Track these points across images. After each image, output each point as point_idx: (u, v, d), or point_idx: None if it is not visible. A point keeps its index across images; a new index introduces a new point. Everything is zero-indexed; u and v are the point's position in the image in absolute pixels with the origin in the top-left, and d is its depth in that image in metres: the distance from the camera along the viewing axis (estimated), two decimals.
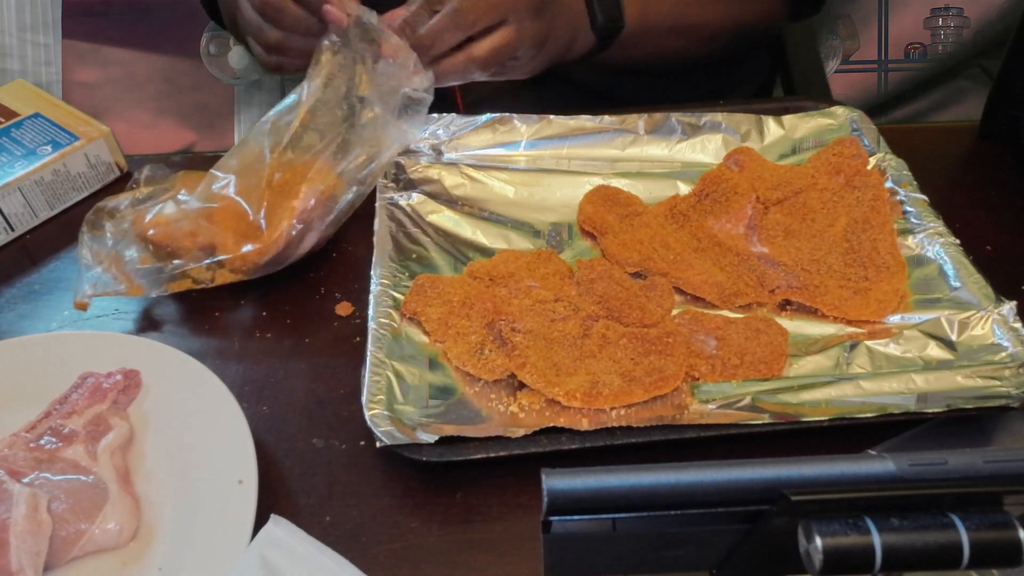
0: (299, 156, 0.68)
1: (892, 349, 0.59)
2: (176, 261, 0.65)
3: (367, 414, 0.54)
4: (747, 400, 0.55)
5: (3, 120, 0.80)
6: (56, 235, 0.75)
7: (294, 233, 0.66)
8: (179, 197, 0.68)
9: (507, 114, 0.77)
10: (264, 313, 0.67)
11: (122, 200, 0.68)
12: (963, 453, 0.29)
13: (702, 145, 0.77)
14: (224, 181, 0.67)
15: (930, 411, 0.53)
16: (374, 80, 0.69)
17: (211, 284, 0.66)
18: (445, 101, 0.78)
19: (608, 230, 0.69)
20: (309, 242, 0.68)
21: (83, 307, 0.65)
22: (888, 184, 0.70)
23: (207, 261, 0.65)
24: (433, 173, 0.75)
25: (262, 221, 0.66)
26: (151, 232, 0.65)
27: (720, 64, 0.95)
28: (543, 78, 0.88)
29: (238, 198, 0.66)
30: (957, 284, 0.62)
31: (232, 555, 0.48)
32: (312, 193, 0.67)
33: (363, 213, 0.73)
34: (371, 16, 0.69)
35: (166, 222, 0.66)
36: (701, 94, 0.96)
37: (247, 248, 0.65)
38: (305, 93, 0.69)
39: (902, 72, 1.31)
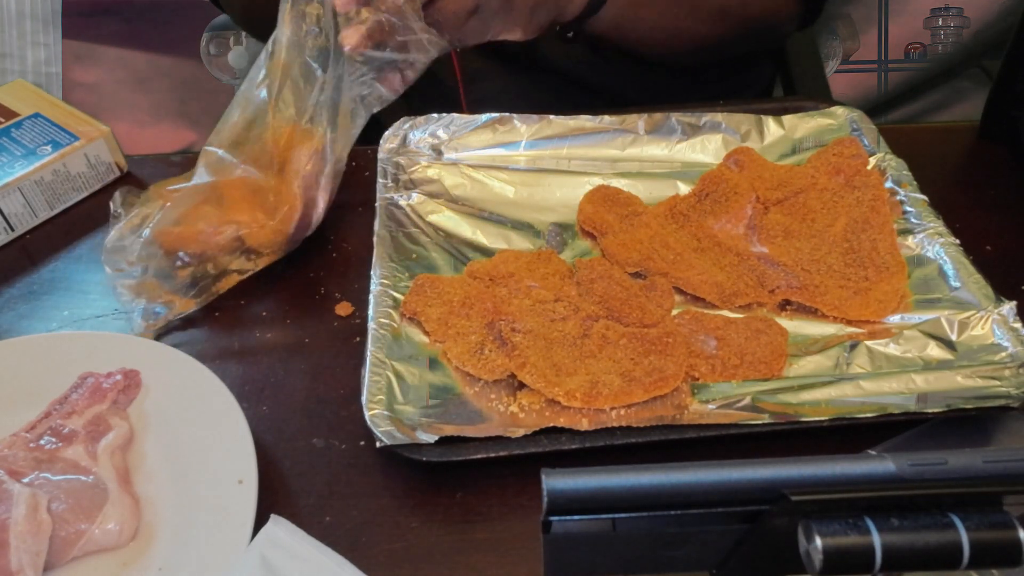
0: (282, 115, 0.67)
1: (892, 349, 0.59)
2: (210, 264, 0.66)
3: (367, 414, 0.54)
4: (747, 400, 0.55)
5: (3, 120, 0.80)
6: (56, 235, 0.76)
7: (307, 196, 0.67)
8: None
9: (507, 114, 0.77)
10: (264, 313, 0.67)
11: (123, 235, 0.67)
12: (963, 453, 0.29)
13: (702, 145, 0.77)
14: (224, 156, 0.67)
15: (930, 411, 0.53)
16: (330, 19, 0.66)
17: (257, 270, 0.68)
18: (448, 99, 0.78)
19: (608, 230, 0.69)
20: (322, 205, 0.69)
21: (149, 338, 0.64)
22: (888, 184, 0.70)
23: (246, 250, 0.66)
24: (433, 173, 0.75)
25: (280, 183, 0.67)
26: (188, 248, 0.66)
27: (724, 68, 0.95)
28: (547, 74, 0.87)
29: (248, 167, 0.66)
30: (957, 284, 0.62)
31: (232, 555, 0.48)
32: (307, 154, 0.67)
33: (363, 213, 0.73)
34: None
35: (190, 229, 0.66)
36: (704, 98, 0.96)
37: (272, 223, 0.66)
38: (272, 47, 0.67)
39: (902, 72, 1.31)
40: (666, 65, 0.90)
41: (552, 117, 0.77)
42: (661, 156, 0.77)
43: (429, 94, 0.78)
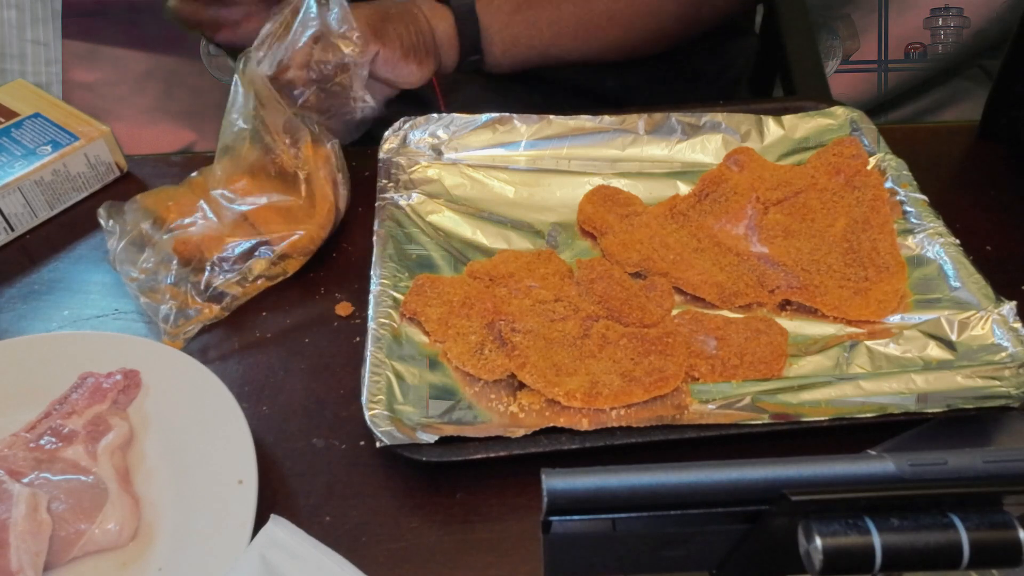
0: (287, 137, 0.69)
1: (892, 349, 0.59)
2: (238, 271, 0.67)
3: (367, 414, 0.54)
4: (747, 400, 0.55)
5: (3, 120, 0.80)
6: (56, 235, 0.75)
7: (334, 199, 0.69)
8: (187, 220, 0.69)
9: (507, 114, 0.77)
10: (264, 313, 0.67)
11: (134, 241, 0.68)
12: (963, 453, 0.29)
13: (702, 145, 0.77)
14: (241, 186, 0.68)
15: (930, 411, 0.53)
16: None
17: (286, 276, 0.68)
18: (429, 111, 0.78)
19: (608, 230, 0.69)
20: (342, 206, 0.71)
21: (178, 346, 0.64)
22: (888, 184, 0.70)
23: (274, 254, 0.67)
24: (433, 173, 0.75)
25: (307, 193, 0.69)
26: (209, 255, 0.66)
27: (699, 49, 0.93)
28: (523, 75, 0.86)
29: (271, 196, 0.68)
30: (957, 284, 0.62)
31: (232, 555, 0.48)
32: (323, 159, 0.69)
33: (363, 213, 0.73)
34: None
35: (210, 238, 0.67)
36: (684, 79, 0.94)
37: (299, 233, 0.67)
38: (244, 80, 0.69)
39: (902, 72, 1.31)
40: (621, 61, 0.87)
41: (552, 117, 0.77)
42: (661, 156, 0.77)
43: (409, 109, 0.79)
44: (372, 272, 0.65)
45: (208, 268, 0.66)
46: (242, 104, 0.68)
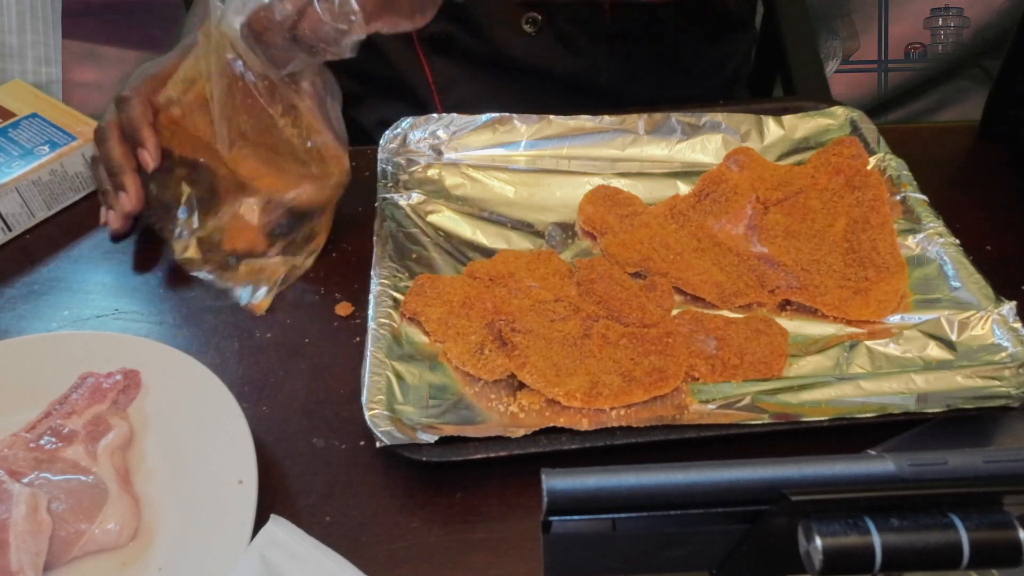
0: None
1: (892, 349, 0.59)
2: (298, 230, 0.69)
3: (367, 414, 0.54)
4: (747, 400, 0.55)
5: (0, 120, 0.80)
6: (55, 235, 0.75)
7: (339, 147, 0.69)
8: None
9: (507, 114, 0.77)
10: (264, 313, 0.67)
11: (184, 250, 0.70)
12: (963, 453, 0.29)
13: (702, 145, 0.77)
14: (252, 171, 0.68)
15: (930, 411, 0.53)
16: None
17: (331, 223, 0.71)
18: (425, 110, 0.78)
19: (608, 230, 0.69)
20: (340, 123, 0.70)
21: (261, 308, 0.67)
22: (888, 184, 0.70)
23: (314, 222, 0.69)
24: (433, 173, 0.75)
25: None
26: (258, 249, 0.69)
27: (699, 40, 0.93)
28: (516, 72, 0.85)
29: (296, 191, 0.68)
30: (957, 284, 0.62)
31: (232, 555, 0.48)
32: (312, 107, 0.68)
33: (363, 213, 0.73)
34: None
35: (251, 240, 0.69)
36: (680, 72, 0.94)
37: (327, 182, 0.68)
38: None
39: (902, 72, 1.31)
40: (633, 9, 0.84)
41: (552, 117, 0.77)
42: (661, 156, 0.77)
43: (406, 109, 0.78)
44: (372, 272, 0.65)
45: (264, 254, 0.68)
46: (222, 92, 0.64)
